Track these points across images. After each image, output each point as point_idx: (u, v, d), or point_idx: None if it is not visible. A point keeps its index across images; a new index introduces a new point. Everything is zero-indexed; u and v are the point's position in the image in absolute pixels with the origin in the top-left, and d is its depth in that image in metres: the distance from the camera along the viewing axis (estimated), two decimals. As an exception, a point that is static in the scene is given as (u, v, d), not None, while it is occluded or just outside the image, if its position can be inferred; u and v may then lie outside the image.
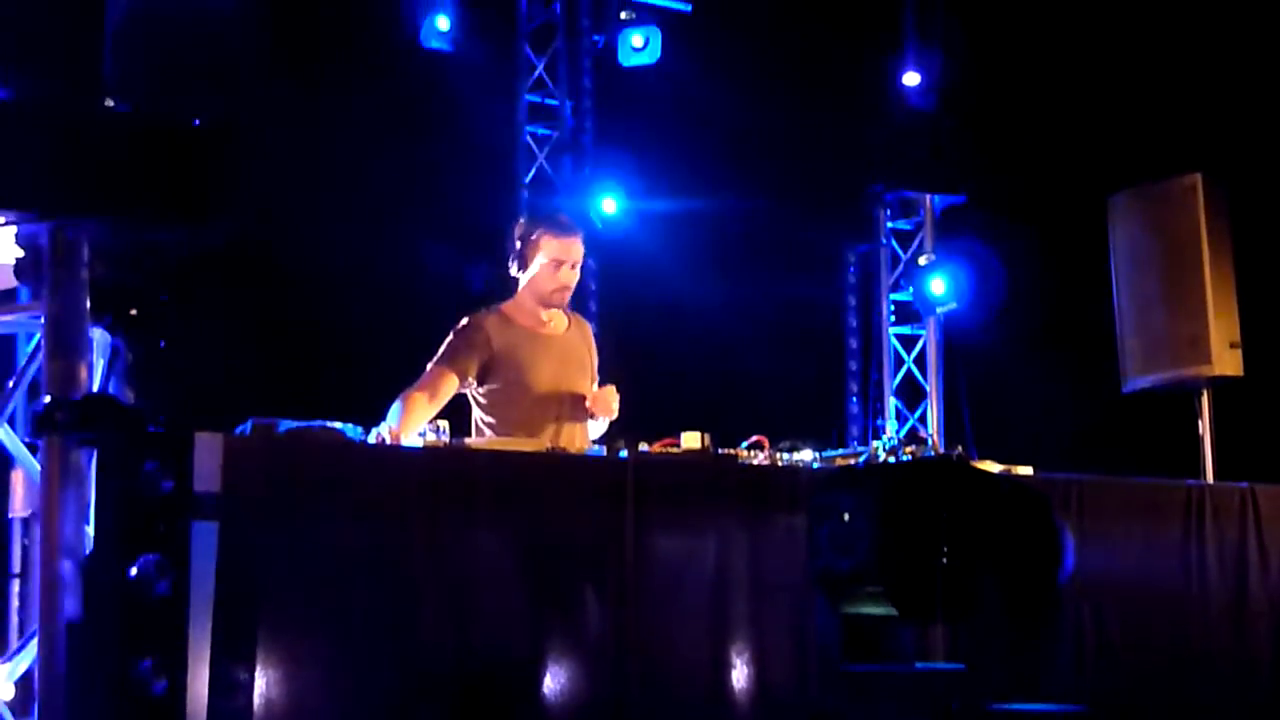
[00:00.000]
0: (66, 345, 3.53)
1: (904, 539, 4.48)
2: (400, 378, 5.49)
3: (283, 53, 8.10)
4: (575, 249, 5.63)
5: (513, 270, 5.69)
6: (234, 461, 4.21)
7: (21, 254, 3.74)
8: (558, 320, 5.74)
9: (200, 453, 4.13)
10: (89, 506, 3.53)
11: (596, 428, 5.72)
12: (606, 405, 5.64)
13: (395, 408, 5.30)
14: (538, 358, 5.59)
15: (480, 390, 5.57)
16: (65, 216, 3.46)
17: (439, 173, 8.84)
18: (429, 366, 5.52)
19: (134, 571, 3.77)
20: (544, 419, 5.53)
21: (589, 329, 5.95)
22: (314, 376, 7.81)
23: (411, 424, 5.19)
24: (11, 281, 4.48)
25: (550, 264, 5.60)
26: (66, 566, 3.51)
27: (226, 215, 3.60)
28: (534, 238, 5.62)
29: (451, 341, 5.55)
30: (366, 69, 8.69)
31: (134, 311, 3.57)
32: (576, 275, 5.67)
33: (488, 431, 5.52)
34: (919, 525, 4.49)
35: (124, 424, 3.52)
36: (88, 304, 3.56)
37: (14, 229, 3.67)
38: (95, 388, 3.83)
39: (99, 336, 4.08)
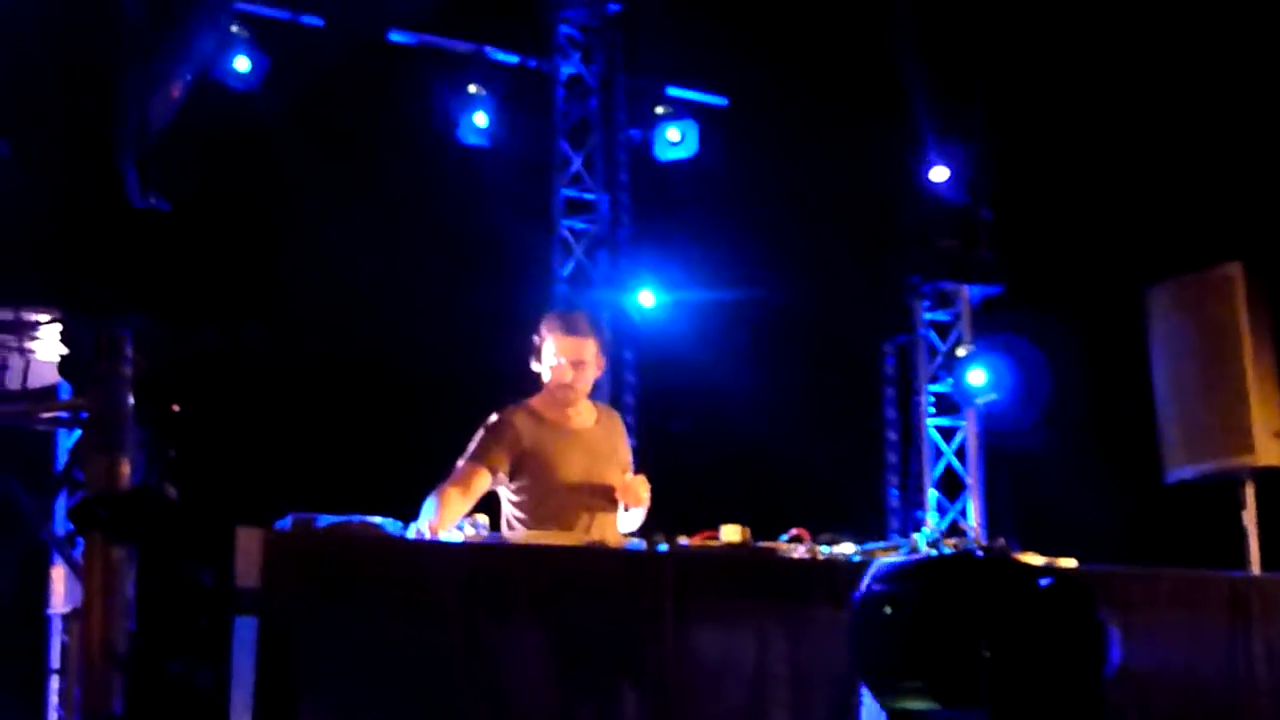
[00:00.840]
0: (109, 441, 3.56)
1: (944, 633, 4.43)
2: (437, 471, 5.50)
3: (323, 151, 8.24)
4: (576, 348, 5.62)
5: (533, 365, 5.72)
6: (274, 557, 4.21)
7: (66, 351, 3.78)
8: (585, 413, 5.74)
9: (241, 548, 4.14)
10: (130, 602, 3.53)
11: (629, 519, 5.69)
12: (636, 495, 5.60)
13: (430, 504, 5.29)
14: (567, 452, 5.59)
15: (511, 485, 5.56)
16: (110, 315, 3.51)
17: (477, 268, 8.91)
18: (460, 463, 5.51)
19: (175, 667, 3.77)
20: (575, 512, 5.52)
21: (619, 420, 5.94)
22: (351, 470, 7.83)
23: (448, 520, 5.18)
24: (52, 378, 4.52)
25: (553, 361, 5.63)
26: (107, 662, 3.51)
27: (269, 312, 3.64)
28: (543, 334, 5.68)
29: (482, 438, 5.56)
30: (405, 166, 8.79)
31: (175, 407, 3.60)
32: (583, 374, 5.63)
33: (519, 526, 5.51)
34: (959, 619, 4.44)
35: (166, 520, 3.53)
36: (130, 400, 3.59)
37: (58, 326, 3.71)
38: (137, 483, 3.86)
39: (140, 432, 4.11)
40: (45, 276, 3.36)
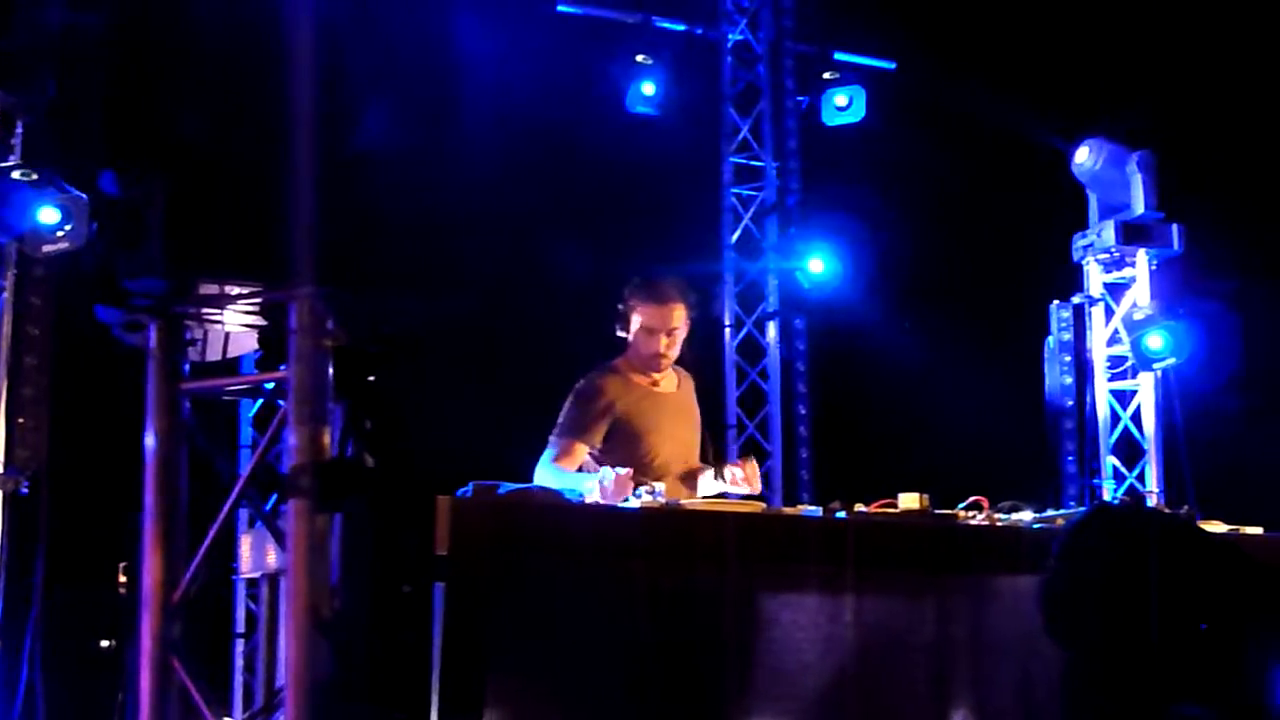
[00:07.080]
0: (311, 412, 3.65)
1: (1068, 586, 4.37)
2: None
3: (492, 123, 8.31)
4: (668, 316, 5.59)
5: (619, 332, 5.71)
6: (459, 523, 4.29)
7: (264, 323, 3.89)
8: (668, 379, 5.74)
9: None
10: (333, 569, 3.62)
11: (709, 486, 5.65)
12: (755, 478, 5.59)
13: (548, 479, 5.25)
14: (656, 416, 5.63)
15: (600, 447, 5.57)
16: (311, 288, 3.60)
17: (645, 236, 8.93)
18: (557, 437, 5.49)
19: (381, 632, 3.86)
20: (663, 475, 5.50)
21: (691, 382, 5.89)
22: (527, 439, 7.92)
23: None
24: (237, 349, 4.64)
25: (643, 331, 5.61)
26: (314, 628, 3.61)
27: (462, 286, 3.71)
28: (630, 303, 5.65)
29: (579, 410, 5.54)
30: (574, 136, 8.83)
31: (371, 378, 3.69)
32: (673, 342, 5.61)
33: None
34: (1082, 572, 4.37)
35: (369, 489, 3.62)
36: (330, 372, 3.67)
37: (257, 299, 3.82)
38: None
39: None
40: (248, 250, 3.46)
